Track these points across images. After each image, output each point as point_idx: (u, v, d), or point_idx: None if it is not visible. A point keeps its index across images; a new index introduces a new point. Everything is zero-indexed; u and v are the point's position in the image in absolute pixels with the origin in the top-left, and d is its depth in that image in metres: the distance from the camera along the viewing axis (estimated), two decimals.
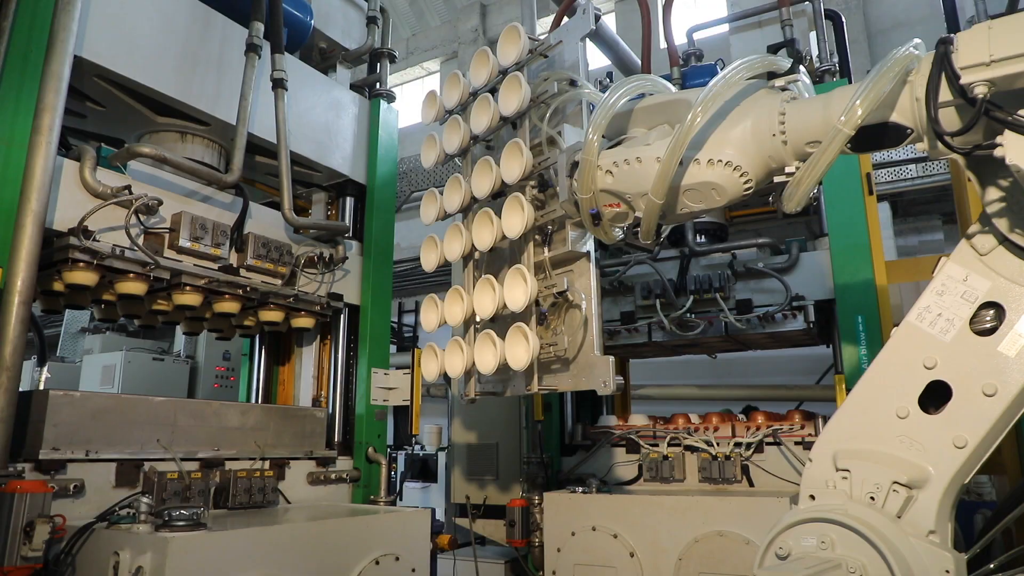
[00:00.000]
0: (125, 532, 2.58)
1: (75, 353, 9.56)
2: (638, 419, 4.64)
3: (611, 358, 2.93)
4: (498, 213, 3.28)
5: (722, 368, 8.66)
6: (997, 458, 3.93)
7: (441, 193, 3.79)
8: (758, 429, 4.10)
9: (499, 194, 3.43)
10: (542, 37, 3.51)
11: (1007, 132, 1.71)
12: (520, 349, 3.10)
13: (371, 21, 5.09)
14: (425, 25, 18.44)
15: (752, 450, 4.05)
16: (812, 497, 1.99)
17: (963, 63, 1.73)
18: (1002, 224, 1.94)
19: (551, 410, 4.85)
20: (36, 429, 2.89)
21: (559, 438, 4.83)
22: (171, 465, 3.24)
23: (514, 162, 3.23)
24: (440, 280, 10.16)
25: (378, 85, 5.09)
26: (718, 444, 4.12)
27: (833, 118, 1.97)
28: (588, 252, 3.12)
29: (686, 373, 8.93)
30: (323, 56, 4.98)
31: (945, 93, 1.81)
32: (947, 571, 1.79)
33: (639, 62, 5.62)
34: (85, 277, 3.12)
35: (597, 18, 3.27)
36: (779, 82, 2.30)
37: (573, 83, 3.22)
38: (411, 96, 18.50)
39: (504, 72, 3.49)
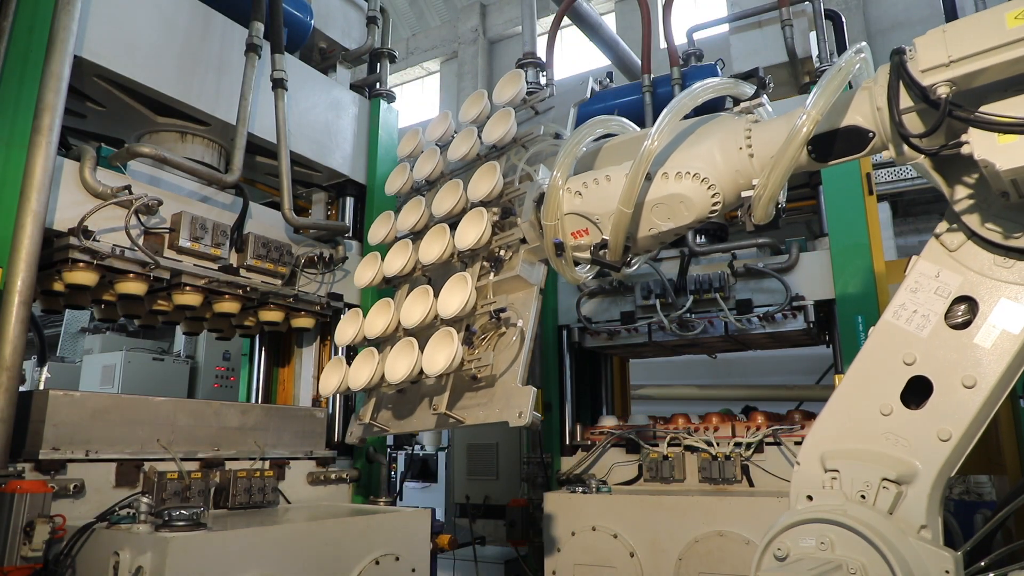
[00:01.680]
0: (125, 532, 2.58)
1: (75, 353, 9.55)
2: (638, 419, 4.64)
3: (533, 390, 2.73)
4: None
5: (722, 368, 8.65)
6: (997, 458, 3.93)
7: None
8: (758, 429, 4.10)
9: (456, 224, 3.31)
10: (538, 92, 3.56)
11: (972, 129, 1.76)
12: (441, 355, 2.84)
13: (371, 21, 5.09)
14: (425, 25, 18.45)
15: (752, 450, 4.04)
16: (810, 498, 2.00)
17: (924, 66, 1.78)
18: (972, 220, 1.97)
19: (551, 410, 4.85)
20: (36, 429, 2.89)
21: (559, 438, 4.83)
22: (171, 465, 3.24)
23: (485, 181, 3.15)
24: None
25: (378, 85, 5.09)
26: (718, 444, 4.12)
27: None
28: (537, 285, 2.98)
29: (686, 373, 8.92)
30: (323, 56, 4.99)
31: (905, 100, 1.88)
32: (947, 571, 1.80)
33: (639, 62, 5.63)
34: (85, 277, 3.13)
35: (593, 91, 3.37)
36: (744, 105, 2.37)
37: (558, 136, 3.21)
38: (411, 96, 18.52)
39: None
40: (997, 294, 1.94)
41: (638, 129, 2.84)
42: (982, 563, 2.03)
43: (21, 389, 2.77)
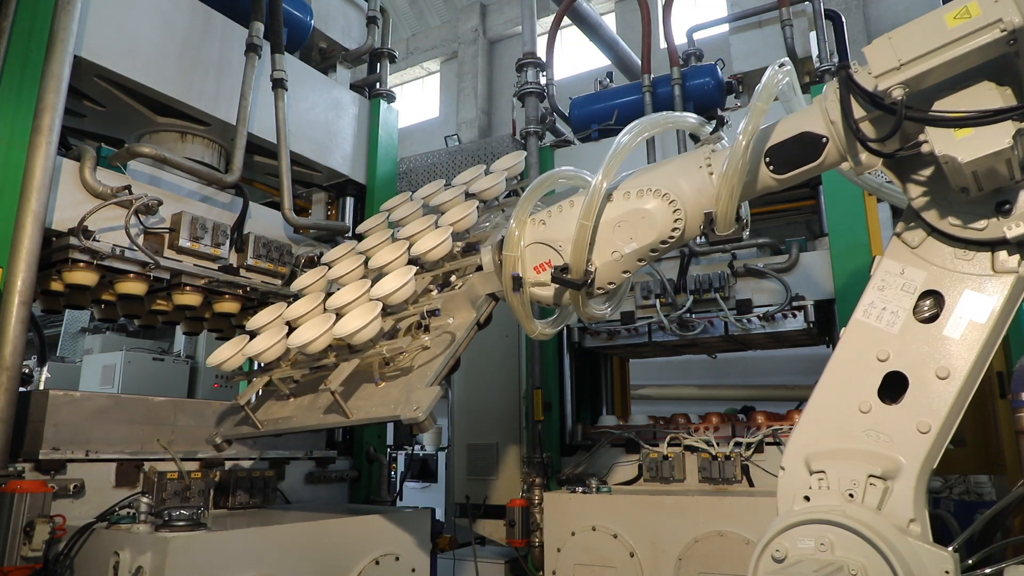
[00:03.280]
0: (125, 532, 2.58)
1: (75, 353, 9.55)
2: (638, 419, 4.64)
3: (438, 390, 2.51)
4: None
5: (722, 368, 8.65)
6: (997, 458, 3.93)
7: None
8: (758, 429, 4.10)
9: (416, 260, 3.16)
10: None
11: (928, 128, 1.82)
12: (358, 321, 2.63)
13: (371, 21, 5.09)
14: (425, 25, 18.45)
15: (752, 450, 4.04)
16: (807, 499, 2.00)
17: (877, 71, 1.84)
18: (931, 216, 2.02)
19: (551, 410, 4.85)
20: (36, 429, 2.90)
21: (559, 438, 4.83)
22: (171, 465, 3.24)
23: (458, 212, 3.09)
24: None
25: (378, 85, 5.10)
26: (718, 444, 4.12)
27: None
28: (476, 316, 2.78)
29: (686, 373, 8.91)
30: (323, 56, 4.99)
31: (858, 111, 1.96)
32: (946, 572, 1.80)
33: (639, 62, 5.63)
34: (85, 277, 3.13)
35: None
36: (706, 139, 2.44)
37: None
38: (411, 96, 18.50)
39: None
40: (961, 286, 2.00)
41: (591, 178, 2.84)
42: (969, 561, 2.04)
43: (25, 389, 2.78)
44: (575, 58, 14.20)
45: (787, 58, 2.31)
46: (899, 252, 2.10)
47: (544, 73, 5.54)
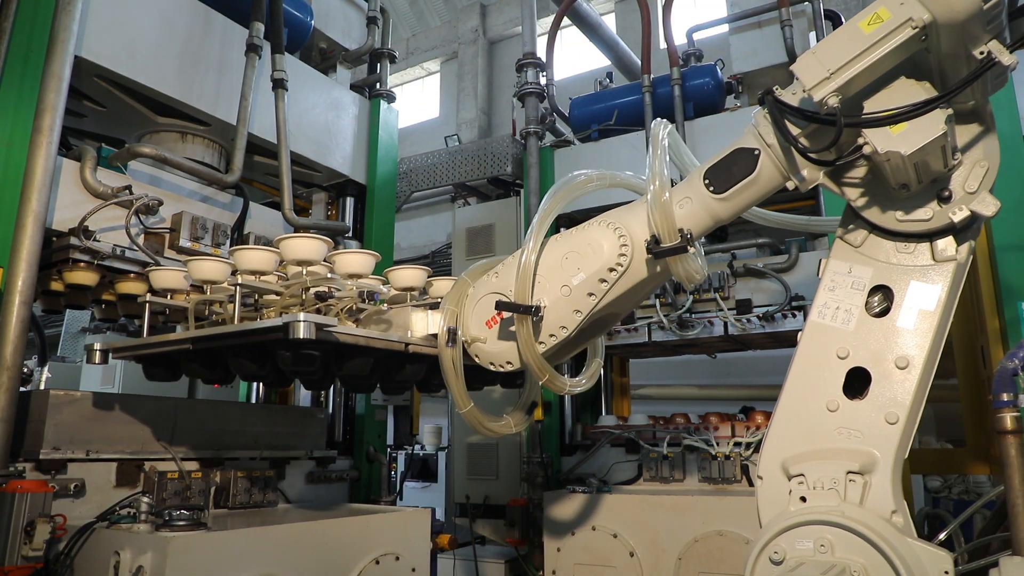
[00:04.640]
0: (125, 532, 2.58)
1: (75, 353, 9.55)
2: (638, 419, 4.65)
3: (333, 321, 2.43)
4: None
5: (722, 368, 8.66)
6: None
7: None
8: (757, 429, 4.10)
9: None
10: None
11: (866, 131, 1.89)
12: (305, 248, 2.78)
13: (371, 21, 5.09)
14: (425, 25, 18.44)
15: (752, 450, 4.05)
16: (803, 499, 2.00)
17: (810, 84, 1.89)
18: (872, 214, 2.07)
19: (551, 410, 4.85)
20: (36, 429, 2.90)
21: (559, 438, 4.83)
22: (171, 465, 3.24)
23: (445, 281, 3.08)
24: None
25: (378, 85, 5.10)
26: (718, 444, 4.12)
27: (694, 179, 2.29)
28: (410, 340, 2.70)
29: (686, 373, 8.93)
30: (323, 56, 4.99)
31: (793, 129, 2.04)
32: (946, 572, 1.80)
33: (639, 62, 5.63)
34: (85, 277, 3.13)
35: None
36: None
37: None
38: (411, 96, 18.50)
39: None
40: (907, 278, 2.06)
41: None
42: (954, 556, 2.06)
43: (25, 389, 2.78)
44: (575, 58, 14.19)
45: (660, 119, 2.47)
46: (844, 252, 2.16)
47: (544, 73, 5.54)
